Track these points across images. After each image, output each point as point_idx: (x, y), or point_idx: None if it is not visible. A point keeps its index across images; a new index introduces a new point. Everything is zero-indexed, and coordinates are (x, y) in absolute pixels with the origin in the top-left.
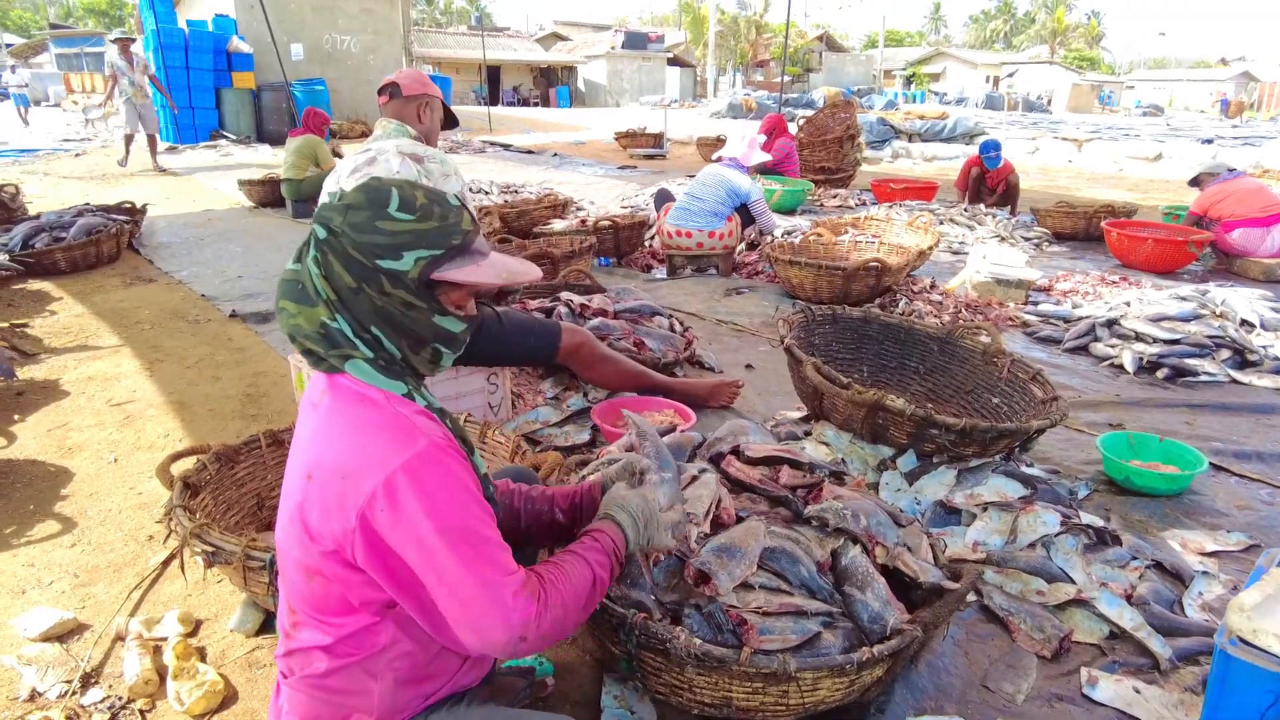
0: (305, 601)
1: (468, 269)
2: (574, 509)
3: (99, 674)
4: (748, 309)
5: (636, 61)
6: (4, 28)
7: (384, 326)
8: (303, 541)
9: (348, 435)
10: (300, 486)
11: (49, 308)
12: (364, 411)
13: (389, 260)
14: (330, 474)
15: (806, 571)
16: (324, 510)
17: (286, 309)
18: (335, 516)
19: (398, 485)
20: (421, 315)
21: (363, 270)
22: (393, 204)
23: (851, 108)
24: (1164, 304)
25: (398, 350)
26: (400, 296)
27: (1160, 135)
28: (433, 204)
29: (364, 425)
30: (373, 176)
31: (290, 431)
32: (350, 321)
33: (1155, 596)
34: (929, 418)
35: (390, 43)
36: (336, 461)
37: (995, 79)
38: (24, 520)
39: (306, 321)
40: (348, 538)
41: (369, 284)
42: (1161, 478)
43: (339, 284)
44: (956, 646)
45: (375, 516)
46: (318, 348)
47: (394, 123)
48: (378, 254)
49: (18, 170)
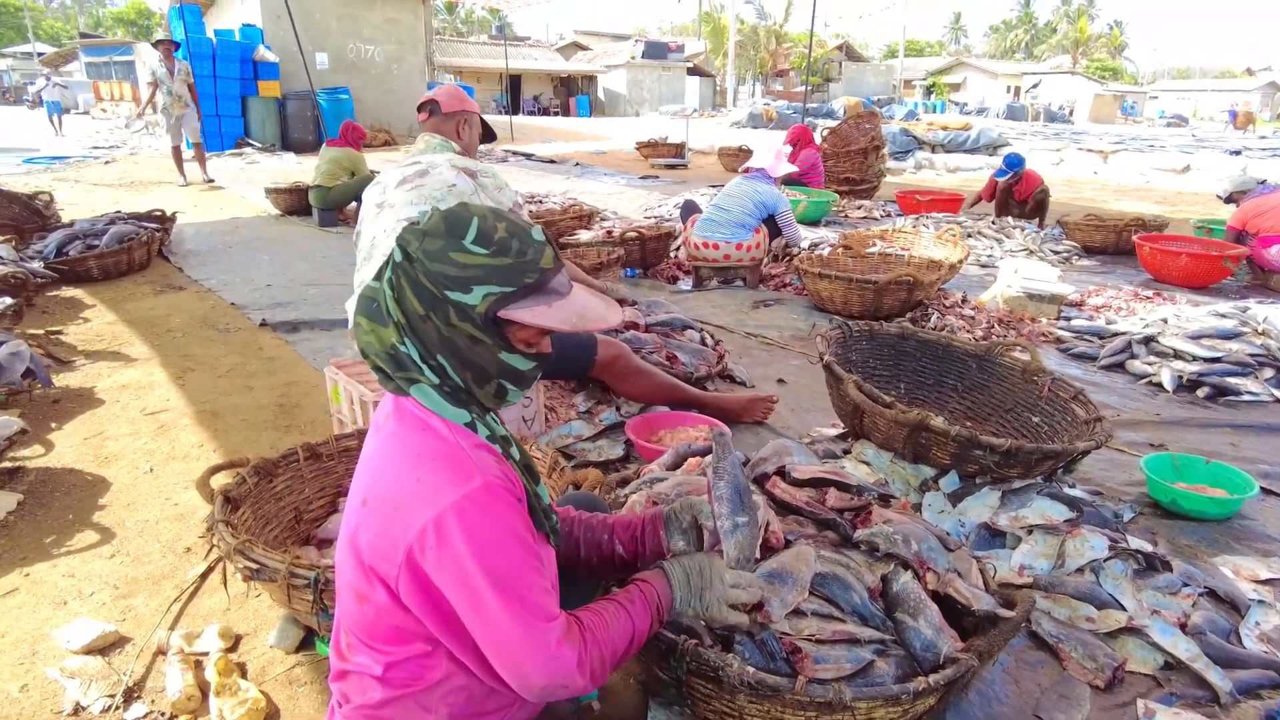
0: (358, 626)
1: (537, 309)
2: (634, 541)
3: (141, 688)
4: (776, 322)
5: (656, 71)
6: (36, 37)
7: (449, 357)
8: (355, 566)
9: (403, 464)
10: (356, 510)
11: (82, 315)
12: (423, 441)
13: (457, 293)
14: (382, 502)
15: (858, 598)
16: (374, 538)
17: (361, 325)
18: (384, 547)
19: (446, 524)
20: (487, 351)
21: (432, 299)
22: (469, 235)
23: (876, 118)
24: (1203, 320)
25: (462, 381)
26: (466, 330)
27: (1187, 146)
28: (512, 238)
29: (420, 455)
30: (461, 203)
31: (327, 445)
32: (418, 347)
33: (1211, 626)
34: (973, 438)
35: (413, 52)
36: (389, 491)
37: (1016, 89)
38: (64, 530)
39: (378, 341)
40: (394, 570)
41: (436, 313)
42: (1211, 501)
43: (409, 309)
44: (1006, 674)
45: (422, 553)
46: (386, 367)
47: (438, 137)
48: (447, 285)
49: (49, 177)
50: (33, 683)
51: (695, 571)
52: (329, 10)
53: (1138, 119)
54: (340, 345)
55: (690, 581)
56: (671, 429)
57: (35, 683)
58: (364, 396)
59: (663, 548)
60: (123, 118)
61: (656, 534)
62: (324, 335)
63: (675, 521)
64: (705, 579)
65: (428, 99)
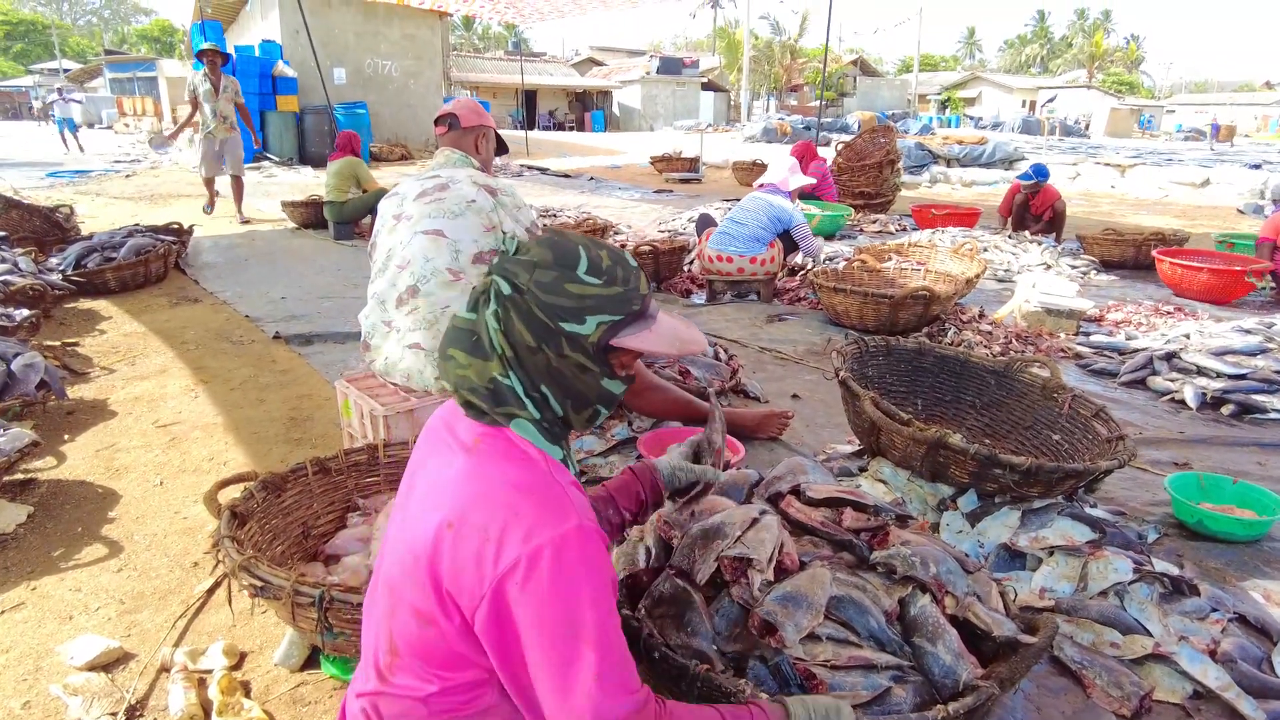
0: (413, 647)
1: (643, 336)
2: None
3: (144, 706)
4: (791, 336)
5: (671, 86)
6: (63, 54)
7: (553, 386)
8: (425, 587)
9: (500, 494)
10: (436, 532)
11: (99, 326)
12: (521, 472)
13: (572, 323)
14: (474, 529)
15: (875, 622)
16: (458, 564)
17: (456, 358)
18: (469, 574)
19: (542, 562)
20: (592, 378)
21: (544, 331)
22: (581, 266)
23: (891, 132)
24: (1226, 336)
25: (561, 410)
26: (576, 359)
27: (1206, 160)
28: (616, 266)
29: (519, 487)
30: (559, 231)
31: (336, 459)
32: (523, 379)
33: (1241, 653)
34: (993, 457)
35: (430, 67)
36: (483, 519)
37: (1032, 103)
38: (72, 543)
39: (477, 374)
40: (476, 599)
41: (548, 344)
42: (1239, 523)
43: (517, 341)
44: (1028, 701)
45: (509, 587)
46: (483, 403)
47: (458, 152)
48: (562, 316)
49: (71, 191)
50: (35, 699)
51: (822, 716)
52: (348, 26)
53: (1155, 133)
54: (352, 358)
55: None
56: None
57: (38, 699)
58: (375, 411)
59: (662, 495)
60: (145, 132)
61: (655, 486)
62: (337, 348)
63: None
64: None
65: (446, 113)
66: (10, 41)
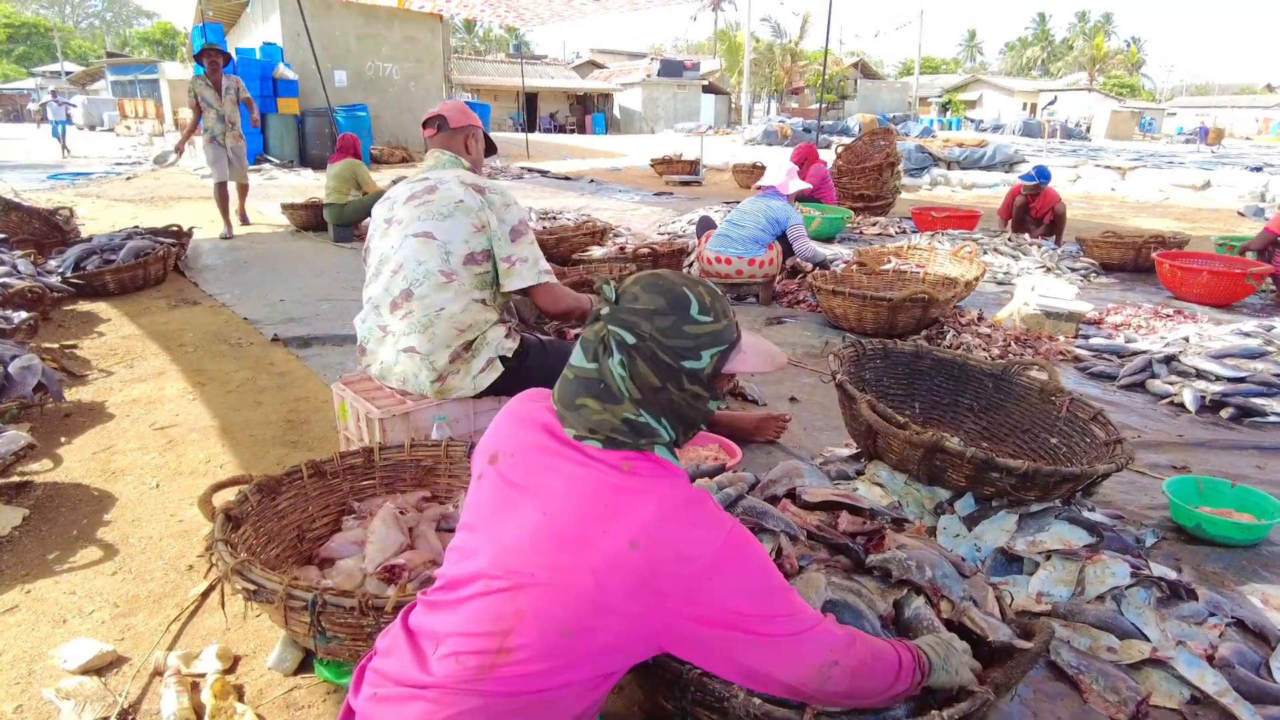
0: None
1: (743, 359)
2: None
3: (136, 710)
4: (789, 339)
5: (672, 89)
6: (65, 56)
7: (672, 417)
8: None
9: (676, 511)
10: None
11: (97, 329)
12: (680, 489)
13: (691, 361)
14: (660, 546)
15: (870, 627)
16: (640, 574)
17: (589, 406)
18: (654, 590)
19: (725, 555)
20: (703, 403)
21: (668, 371)
22: (694, 308)
23: (891, 135)
24: (1226, 339)
25: (675, 434)
26: (694, 390)
27: (1207, 163)
28: (717, 302)
29: (686, 501)
30: (657, 275)
31: (331, 462)
32: (652, 414)
33: (1239, 658)
34: (990, 460)
35: (431, 70)
36: (668, 537)
37: (1032, 106)
38: (67, 545)
39: (613, 416)
40: (665, 613)
41: (671, 382)
42: (1237, 526)
43: (643, 383)
44: (1024, 706)
45: (704, 580)
46: (626, 439)
47: (447, 154)
48: (683, 355)
49: (72, 193)
50: (27, 703)
51: (942, 644)
52: (349, 29)
53: (1156, 136)
54: (350, 361)
55: (940, 653)
56: None
57: (30, 703)
58: (370, 414)
59: None
60: (146, 134)
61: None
62: (335, 351)
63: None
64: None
65: (433, 114)
66: (12, 44)
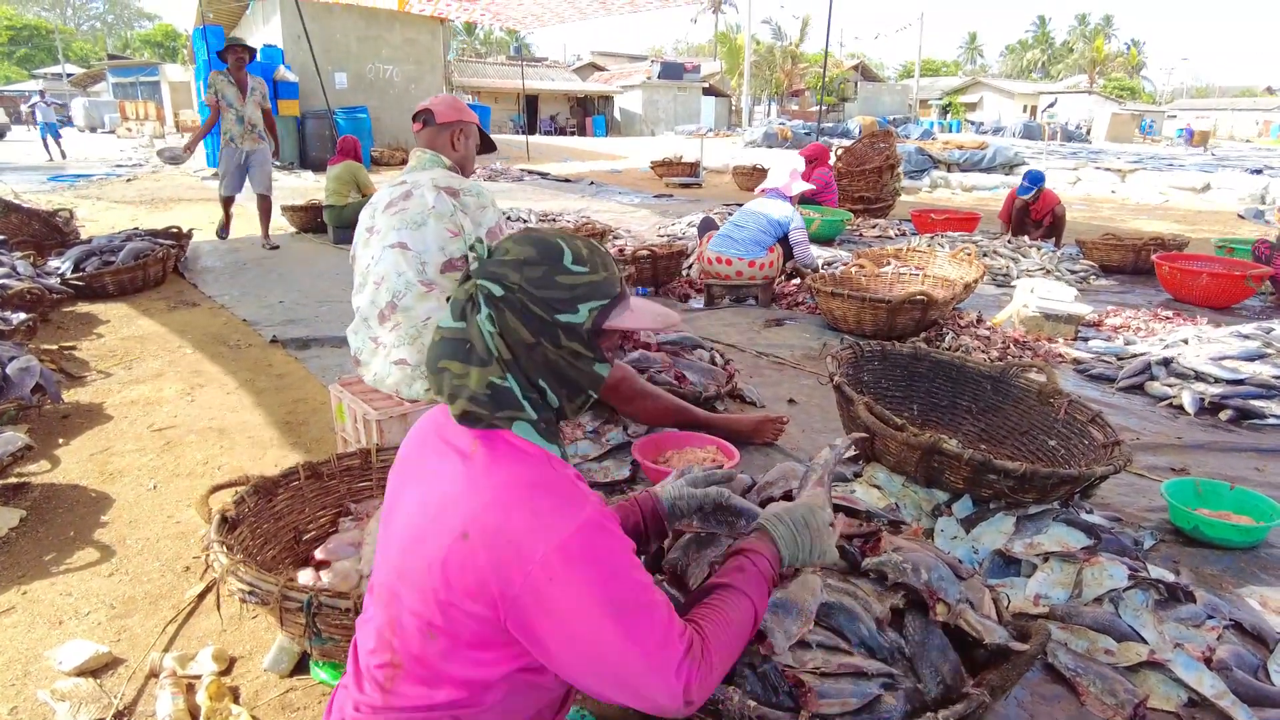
0: (418, 659)
1: (627, 316)
2: (637, 529)
3: (131, 712)
4: (789, 341)
5: (672, 91)
6: (66, 59)
7: (550, 379)
8: (437, 600)
9: (514, 496)
10: (451, 544)
11: (96, 330)
12: (528, 471)
13: (567, 313)
14: (494, 535)
15: (866, 629)
16: (480, 573)
17: (450, 369)
18: (494, 581)
19: (569, 553)
20: (586, 364)
21: (541, 324)
22: (567, 257)
23: (891, 137)
24: (1225, 342)
25: (557, 400)
26: (572, 347)
27: (1207, 165)
28: (595, 254)
29: (534, 485)
30: (530, 229)
31: (328, 464)
32: (520, 379)
33: (1237, 661)
34: (987, 462)
35: (432, 72)
36: (500, 523)
37: (1033, 108)
38: (64, 547)
39: (474, 381)
40: (506, 603)
41: (545, 337)
42: (1235, 529)
43: (514, 340)
44: (1021, 709)
45: (542, 585)
46: (483, 409)
47: (428, 153)
48: (556, 308)
49: (72, 195)
50: (23, 705)
51: (799, 523)
52: (349, 31)
53: (1156, 138)
54: (348, 363)
55: (796, 534)
56: (678, 450)
57: (25, 705)
58: (368, 415)
59: (665, 528)
60: (147, 136)
61: (657, 516)
62: (334, 352)
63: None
64: (812, 525)
65: (423, 108)
66: (14, 46)
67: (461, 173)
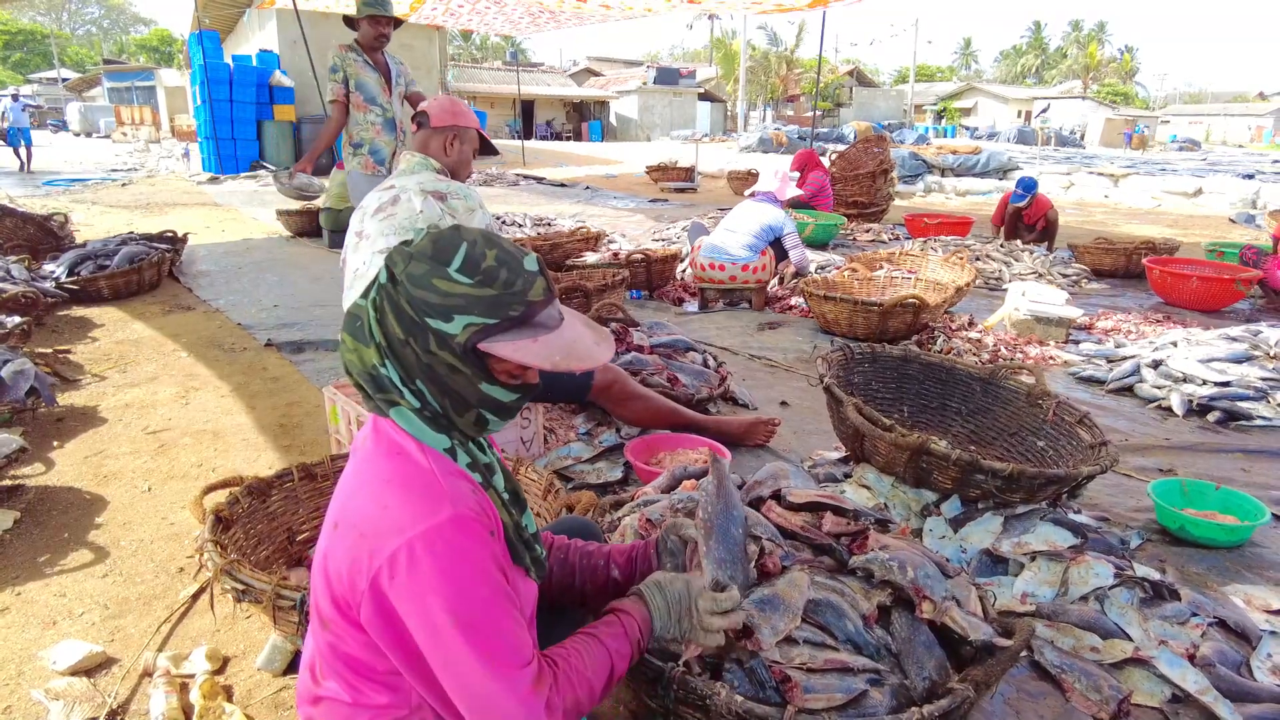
0: (323, 654)
1: (520, 344)
2: (630, 564)
3: (125, 711)
4: (781, 344)
5: (668, 96)
6: (62, 63)
7: (428, 383)
8: (323, 591)
9: (373, 489)
10: (328, 534)
11: (91, 334)
12: (395, 466)
13: (438, 321)
14: (350, 527)
15: (852, 626)
16: (340, 564)
17: (345, 342)
18: (348, 572)
19: (413, 556)
20: (467, 380)
21: (411, 324)
22: (455, 262)
23: (885, 142)
24: (1213, 344)
25: (440, 408)
26: (445, 358)
27: (1199, 170)
28: (501, 267)
29: (391, 481)
30: (454, 226)
31: (321, 465)
32: (398, 370)
33: (1220, 658)
34: (975, 463)
35: (428, 77)
36: (358, 516)
37: (1027, 113)
38: (58, 548)
39: (360, 360)
40: (357, 597)
41: (416, 339)
42: (1220, 528)
43: (389, 331)
44: (1007, 705)
45: (385, 584)
46: (367, 387)
47: (418, 156)
48: (427, 312)
49: (68, 199)
50: (16, 704)
51: (675, 597)
52: (346, 36)
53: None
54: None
55: (670, 607)
56: (671, 451)
57: (19, 704)
58: (362, 417)
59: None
60: (143, 140)
61: (647, 557)
62: (328, 356)
63: (664, 543)
64: (684, 603)
65: (419, 110)
66: (9, 51)
67: (455, 178)
